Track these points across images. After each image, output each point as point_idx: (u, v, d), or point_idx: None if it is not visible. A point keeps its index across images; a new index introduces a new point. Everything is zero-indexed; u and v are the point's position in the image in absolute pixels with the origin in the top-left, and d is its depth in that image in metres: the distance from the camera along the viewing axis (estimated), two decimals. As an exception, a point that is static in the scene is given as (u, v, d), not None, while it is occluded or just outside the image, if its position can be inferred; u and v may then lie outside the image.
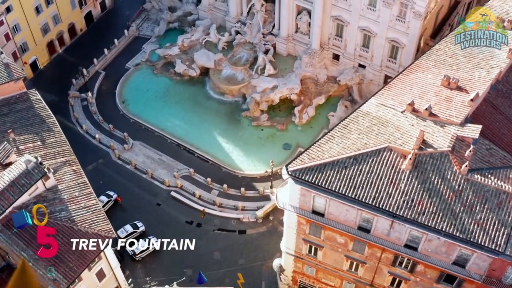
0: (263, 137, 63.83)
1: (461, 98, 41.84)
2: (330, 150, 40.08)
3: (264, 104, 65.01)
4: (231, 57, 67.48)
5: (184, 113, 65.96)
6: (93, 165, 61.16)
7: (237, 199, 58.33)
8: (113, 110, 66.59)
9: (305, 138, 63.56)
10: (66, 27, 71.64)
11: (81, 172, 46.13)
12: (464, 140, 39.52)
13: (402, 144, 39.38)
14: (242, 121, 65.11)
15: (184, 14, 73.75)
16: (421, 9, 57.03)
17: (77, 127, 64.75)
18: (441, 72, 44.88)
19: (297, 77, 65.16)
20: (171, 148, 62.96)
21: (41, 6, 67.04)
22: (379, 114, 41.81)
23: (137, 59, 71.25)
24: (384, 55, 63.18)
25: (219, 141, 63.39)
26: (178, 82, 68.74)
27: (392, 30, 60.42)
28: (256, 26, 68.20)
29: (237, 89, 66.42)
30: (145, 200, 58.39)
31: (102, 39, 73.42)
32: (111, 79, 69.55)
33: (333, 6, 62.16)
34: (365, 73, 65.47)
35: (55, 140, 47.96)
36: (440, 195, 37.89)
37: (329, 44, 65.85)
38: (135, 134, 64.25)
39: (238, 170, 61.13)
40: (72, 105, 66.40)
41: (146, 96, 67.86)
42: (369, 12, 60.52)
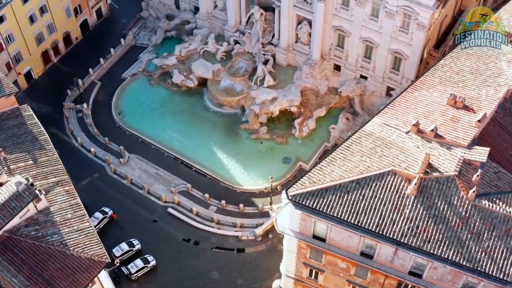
0: (262, 151, 62.31)
1: (468, 118, 40.26)
2: (331, 173, 38.55)
3: (263, 116, 63.45)
4: (229, 68, 65.91)
5: (181, 125, 64.42)
6: (88, 180, 59.73)
7: (236, 215, 56.87)
8: (109, 122, 65.05)
9: (305, 151, 62.12)
10: (61, 36, 70.01)
11: (74, 192, 44.56)
12: (471, 164, 37.97)
13: (406, 167, 37.85)
14: (240, 133, 63.58)
15: (182, 22, 72.10)
16: (425, 20, 55.47)
17: (72, 140, 63.20)
18: (447, 90, 43.36)
19: (297, 89, 63.60)
20: (168, 162, 61.46)
21: (35, 15, 65.40)
22: (382, 135, 40.26)
23: (133, 69, 69.66)
24: (387, 67, 61.59)
25: (218, 154, 61.87)
26: (176, 93, 67.16)
27: (395, 41, 58.86)
28: (256, 35, 66.61)
29: (236, 101, 64.87)
30: (141, 216, 56.92)
31: (98, 48, 71.81)
32: (107, 89, 67.98)
33: (334, 16, 60.58)
34: (367, 85, 63.90)
35: (48, 159, 46.39)
36: (446, 222, 36.37)
37: (330, 55, 64.28)
38: (131, 147, 62.76)
39: (237, 185, 59.63)
40: (67, 117, 64.82)
41: (143, 107, 66.33)
42: (371, 22, 58.92)
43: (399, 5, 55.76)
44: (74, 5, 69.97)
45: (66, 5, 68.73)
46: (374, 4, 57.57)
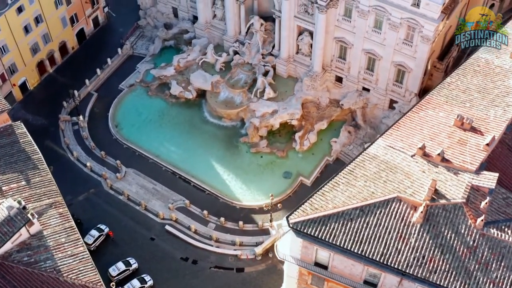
0: (262, 165, 60.88)
1: (476, 141, 38.87)
2: (334, 199, 37.18)
3: (263, 130, 62.00)
4: (229, 79, 64.45)
5: (179, 138, 62.98)
6: (84, 196, 58.35)
7: (235, 233, 55.48)
8: (105, 134, 63.59)
9: (306, 165, 60.69)
10: (57, 46, 68.46)
11: (68, 215, 43.21)
12: (480, 190, 36.59)
13: (412, 194, 36.47)
14: (240, 147, 62.15)
15: (180, 31, 70.55)
16: (429, 33, 53.95)
17: (67, 153, 61.76)
18: (453, 110, 41.97)
19: (298, 101, 62.14)
20: (166, 177, 60.06)
21: (30, 25, 63.84)
22: (387, 158, 38.86)
23: (131, 79, 68.16)
24: (390, 79, 60.14)
25: (216, 169, 60.45)
26: (174, 104, 65.68)
27: (399, 53, 57.36)
28: (255, 46, 65.11)
29: (235, 113, 63.40)
30: (138, 234, 55.54)
31: (95, 57, 70.29)
32: (103, 101, 66.50)
33: (336, 28, 59.06)
34: (370, 97, 62.41)
35: (41, 179, 45.00)
36: (453, 252, 35.00)
37: (331, 66, 62.80)
38: (128, 161, 61.33)
39: (236, 201, 58.22)
40: (63, 130, 63.37)
41: (140, 119, 64.85)
42: (374, 34, 57.42)
43: (403, 18, 54.27)
44: (70, 14, 68.41)
45: (62, 15, 67.21)
46: (377, 16, 56.07)
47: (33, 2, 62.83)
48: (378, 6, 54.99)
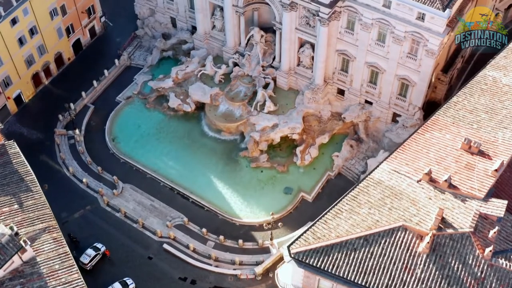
0: (262, 180, 59.50)
1: (484, 166, 37.60)
2: (337, 228, 35.90)
3: (263, 144, 60.59)
4: (228, 92, 63.02)
5: (178, 152, 61.58)
6: (80, 213, 57.00)
7: (235, 251, 54.11)
8: (102, 148, 62.17)
9: (308, 181, 59.26)
10: (52, 57, 67.01)
11: (62, 240, 41.84)
12: (488, 218, 35.36)
13: (418, 222, 35.22)
14: (240, 161, 60.75)
15: (179, 42, 69.08)
16: (434, 47, 52.50)
17: (63, 169, 60.36)
18: (460, 132, 40.70)
19: (299, 115, 60.73)
20: (164, 192, 58.66)
21: (25, 37, 62.35)
22: (392, 183, 37.59)
23: (128, 91, 66.71)
24: (393, 93, 58.71)
25: (216, 184, 59.07)
26: (172, 117, 64.26)
27: (402, 67, 55.95)
28: (256, 58, 63.65)
29: (235, 127, 61.99)
30: (135, 253, 54.14)
31: (92, 68, 68.85)
32: (100, 113, 65.05)
33: (339, 40, 57.64)
34: (372, 110, 60.96)
35: (34, 202, 43.63)
36: (460, 283, 33.71)
37: (333, 79, 61.37)
38: (125, 176, 59.92)
39: (236, 217, 56.83)
40: (59, 144, 61.91)
41: (138, 133, 63.39)
42: (377, 47, 56.00)
43: (408, 31, 52.84)
44: (66, 25, 66.95)
45: (57, 25, 65.72)
46: (381, 29, 54.67)
47: (28, 14, 61.39)
48: (382, 19, 53.56)
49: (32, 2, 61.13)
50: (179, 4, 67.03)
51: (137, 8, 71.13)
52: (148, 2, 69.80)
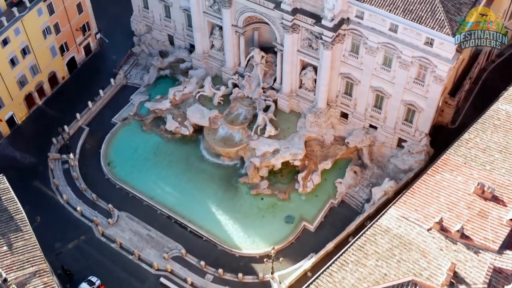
0: (263, 208, 57.35)
1: (498, 214, 35.53)
2: (342, 281, 33.90)
3: (264, 170, 58.43)
4: (227, 114, 60.80)
5: (175, 178, 59.45)
6: (74, 243, 54.92)
7: (234, 285, 52.00)
8: (97, 173, 60.06)
9: (310, 209, 57.13)
10: (46, 77, 64.74)
11: (53, 284, 39.92)
12: (502, 272, 33.37)
13: (429, 277, 33.19)
14: (239, 188, 58.59)
15: (177, 60, 66.72)
16: (443, 73, 50.32)
17: (57, 195, 58.24)
18: (472, 173, 38.57)
19: (301, 139, 58.54)
20: (161, 221, 56.55)
21: (17, 57, 60.06)
22: (401, 232, 35.57)
23: (124, 112, 64.49)
24: (399, 118, 56.51)
25: (214, 212, 56.97)
26: (170, 140, 62.05)
27: (409, 92, 53.79)
28: (256, 79, 61.39)
29: (234, 152, 59.77)
30: (131, 286, 52.01)
31: (86, 87, 66.67)
32: (95, 136, 62.83)
33: (342, 63, 55.48)
34: (377, 135, 58.78)
35: (24, 244, 41.60)
36: None
37: (336, 102, 59.19)
38: (121, 203, 57.80)
39: (236, 248, 54.74)
40: (52, 169, 59.79)
41: (134, 157, 61.25)
42: (383, 72, 53.81)
43: (415, 56, 50.64)
44: (59, 43, 64.71)
45: (51, 44, 63.49)
46: (387, 53, 52.45)
47: (20, 33, 59.13)
48: (388, 43, 51.39)
49: (24, 21, 58.89)
50: (176, 21, 64.74)
51: (134, 24, 68.79)
52: (145, 19, 67.47)
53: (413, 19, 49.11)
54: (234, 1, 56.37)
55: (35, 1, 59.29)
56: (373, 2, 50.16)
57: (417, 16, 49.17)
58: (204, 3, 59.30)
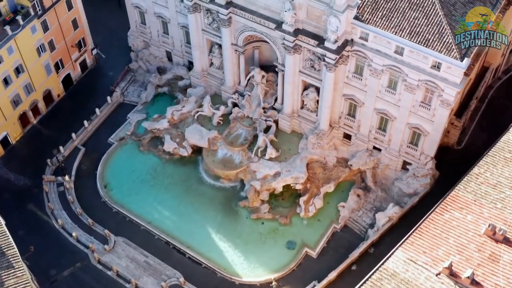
0: (263, 233, 55.73)
1: (510, 258, 33.94)
2: (348, 331, 32.48)
3: (264, 193, 56.72)
4: (227, 135, 59.07)
5: (174, 201, 57.75)
6: (70, 270, 53.26)
7: (234, 316, 50.96)
8: (93, 196, 58.32)
9: (312, 234, 55.50)
10: (41, 95, 62.95)
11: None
12: (516, 322, 32.01)
13: (438, 328, 31.84)
14: (240, 212, 56.94)
15: (175, 77, 64.98)
16: (450, 98, 48.60)
17: (52, 220, 56.52)
18: (483, 212, 36.93)
19: (302, 162, 56.85)
20: (159, 247, 54.91)
21: (10, 76, 58.26)
22: (408, 276, 33.98)
23: (121, 132, 62.72)
24: (404, 141, 54.82)
25: (214, 237, 55.33)
26: (168, 161, 60.38)
27: (415, 116, 52.11)
28: (256, 98, 59.60)
29: (234, 174, 58.04)
30: (128, 317, 50.95)
31: (82, 105, 64.97)
32: (91, 156, 61.15)
33: (346, 85, 53.83)
34: (381, 157, 57.12)
35: (16, 281, 40.00)
36: None
37: (339, 123, 57.56)
38: (118, 228, 56.18)
39: (235, 276, 53.09)
40: (47, 192, 58.09)
41: (131, 178, 59.59)
42: (387, 94, 52.07)
43: (421, 80, 48.99)
44: (54, 60, 62.88)
45: (45, 62, 61.64)
46: (392, 76, 50.72)
47: (13, 52, 57.31)
48: (393, 66, 49.72)
49: (17, 40, 57.04)
50: (174, 38, 62.91)
51: (131, 40, 66.89)
52: (142, 35, 65.60)
53: (420, 42, 47.44)
54: (233, 20, 54.67)
55: (29, 19, 57.28)
56: (378, 24, 48.50)
57: (424, 38, 47.50)
58: (203, 20, 57.52)
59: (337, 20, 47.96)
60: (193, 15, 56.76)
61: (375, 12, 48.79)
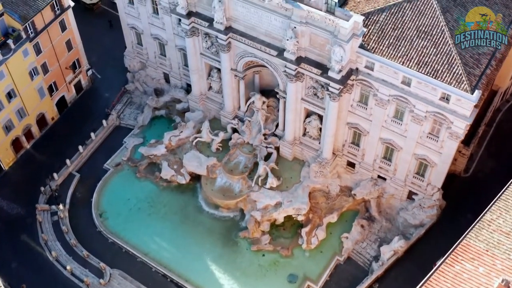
0: (264, 266, 53.83)
1: (526, 318, 32.28)
2: None
3: (265, 224, 54.86)
4: (226, 162, 57.06)
5: (171, 231, 55.89)
6: (64, 307, 51.93)
7: None
8: (88, 225, 56.37)
9: (314, 266, 53.62)
10: (34, 119, 60.89)
11: None
12: None
13: None
14: (239, 243, 55.04)
15: (173, 100, 62.92)
16: (459, 130, 46.66)
17: (45, 252, 54.52)
18: (495, 264, 34.88)
19: (304, 192, 54.87)
20: (156, 280, 53.01)
21: (1, 102, 56.22)
22: (417, 337, 32.31)
23: (117, 157, 60.75)
24: (410, 171, 52.85)
25: (213, 270, 53.42)
26: (165, 188, 58.38)
27: (422, 147, 50.16)
28: (257, 124, 57.54)
29: (234, 203, 56.16)
30: None
31: (77, 128, 62.94)
32: (87, 183, 59.13)
33: (350, 113, 51.83)
34: (386, 187, 55.18)
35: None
36: None
37: (343, 151, 55.59)
38: (113, 259, 54.27)
39: (235, 312, 51.79)
40: (41, 222, 56.10)
41: (128, 206, 57.65)
42: (393, 124, 50.05)
43: (429, 111, 46.97)
44: (48, 83, 60.77)
45: (38, 85, 59.53)
46: (398, 106, 48.71)
47: (4, 77, 55.22)
48: (400, 96, 47.73)
49: (9, 64, 54.98)
50: (172, 60, 60.74)
51: (127, 61, 64.68)
52: (139, 55, 63.44)
53: (428, 73, 45.41)
54: (233, 45, 52.56)
55: (20, 42, 55.13)
56: (385, 53, 46.43)
57: (432, 69, 45.46)
58: (201, 44, 55.45)
59: (342, 49, 45.85)
60: (191, 39, 54.71)
61: (382, 40, 46.75)
